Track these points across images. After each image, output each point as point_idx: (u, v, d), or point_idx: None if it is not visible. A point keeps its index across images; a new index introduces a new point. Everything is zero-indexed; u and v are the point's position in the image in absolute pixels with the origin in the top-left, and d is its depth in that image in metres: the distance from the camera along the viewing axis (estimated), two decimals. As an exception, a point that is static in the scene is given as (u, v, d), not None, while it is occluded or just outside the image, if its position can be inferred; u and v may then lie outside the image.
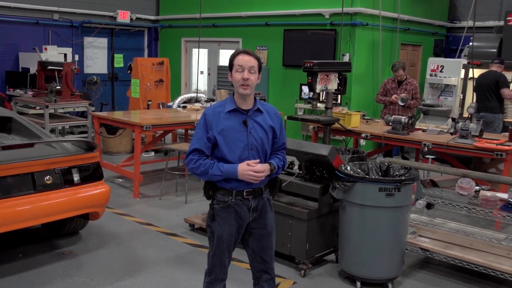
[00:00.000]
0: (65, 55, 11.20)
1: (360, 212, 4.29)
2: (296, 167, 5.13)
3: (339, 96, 9.53)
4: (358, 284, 4.44)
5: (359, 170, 4.56)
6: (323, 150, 4.48)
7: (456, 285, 4.61)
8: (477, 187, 4.79)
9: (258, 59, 3.17)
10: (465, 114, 9.05)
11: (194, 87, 12.99)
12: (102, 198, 4.95)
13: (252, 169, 3.08)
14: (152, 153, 9.56)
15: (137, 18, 13.01)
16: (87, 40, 12.26)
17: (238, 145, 3.13)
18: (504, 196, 4.53)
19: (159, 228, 5.85)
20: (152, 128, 6.91)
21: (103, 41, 12.67)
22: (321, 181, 4.72)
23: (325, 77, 6.36)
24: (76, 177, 4.74)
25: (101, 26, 12.16)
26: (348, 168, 4.49)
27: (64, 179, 4.66)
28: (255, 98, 3.23)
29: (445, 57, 11.14)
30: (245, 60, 3.10)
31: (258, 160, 3.14)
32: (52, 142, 4.96)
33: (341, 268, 4.66)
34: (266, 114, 3.23)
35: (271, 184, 3.34)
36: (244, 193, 3.18)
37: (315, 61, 6.23)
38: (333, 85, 6.50)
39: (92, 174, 4.92)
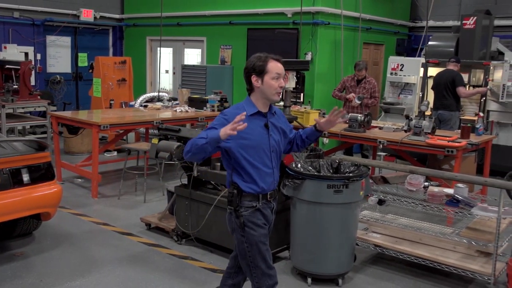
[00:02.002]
0: (26, 54, 11.04)
1: (309, 209, 4.34)
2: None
3: (302, 94, 9.62)
4: (309, 280, 4.49)
5: (310, 167, 4.61)
6: (273, 148, 4.51)
7: (406, 279, 4.70)
8: (426, 183, 4.90)
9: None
10: (426, 112, 9.24)
11: (159, 86, 12.93)
12: (54, 198, 4.90)
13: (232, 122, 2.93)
14: (115, 153, 9.47)
15: (101, 17, 12.88)
16: (50, 38, 12.09)
17: (262, 148, 3.16)
18: (451, 191, 4.64)
19: (115, 227, 5.81)
20: (110, 128, 6.85)
21: (67, 40, 12.52)
22: (273, 179, 4.74)
23: (282, 75, 6.39)
24: (25, 177, 4.68)
25: (63, 24, 12.01)
26: (299, 165, 4.54)
27: (13, 180, 4.59)
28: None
29: (407, 56, 11.32)
30: (281, 68, 3.15)
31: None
32: (1, 142, 4.88)
33: (293, 265, 4.71)
34: (277, 116, 3.32)
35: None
36: (268, 196, 3.24)
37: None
38: (291, 83, 6.55)
39: (43, 174, 4.86)
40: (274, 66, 3.12)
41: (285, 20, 10.02)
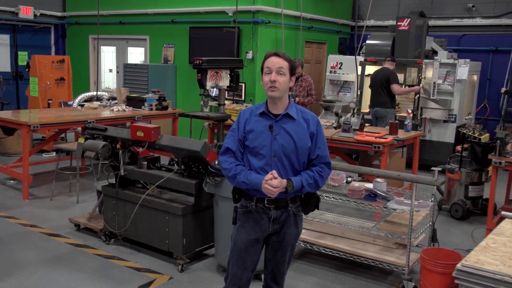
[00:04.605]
0: (-40, 52, 10.67)
1: (230, 206, 4.27)
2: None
3: (243, 92, 9.69)
4: (232, 276, 4.52)
5: (233, 164, 4.64)
6: (196, 145, 4.54)
7: (329, 273, 4.80)
8: (349, 178, 5.01)
9: (289, 60, 3.03)
10: (364, 109, 9.46)
11: (104, 85, 12.77)
12: (-28, 200, 4.77)
13: (268, 183, 2.93)
14: (53, 153, 9.27)
15: (42, 14, 12.56)
16: (-14, 36, 11.75)
17: (262, 150, 3.01)
18: (370, 186, 4.77)
19: (43, 229, 5.70)
20: (42, 127, 6.73)
21: (5, 38, 12.16)
22: (198, 177, 4.77)
23: (215, 74, 6.43)
24: None
25: (0, 22, 11.65)
26: (221, 163, 4.57)
27: None
28: (290, 103, 3.08)
29: (350, 54, 11.53)
30: (274, 61, 2.98)
31: (274, 172, 2.97)
32: None
33: (218, 262, 4.74)
34: (301, 121, 3.05)
35: (305, 200, 3.16)
36: (265, 201, 3.06)
37: (204, 58, 6.29)
38: (224, 82, 6.58)
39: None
40: (267, 61, 3.01)
41: (226, 19, 10.05)
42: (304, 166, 3.09)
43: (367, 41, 9.81)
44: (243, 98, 9.67)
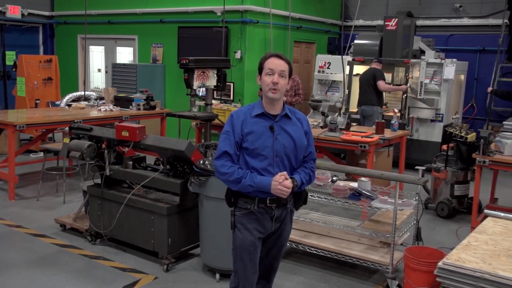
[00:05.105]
0: None
1: (216, 206, 4.37)
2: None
3: (232, 92, 9.70)
4: (217, 276, 4.53)
5: (218, 164, 4.64)
6: (180, 145, 4.54)
7: (314, 272, 4.81)
8: (334, 178, 5.03)
9: (289, 63, 3.08)
10: (352, 109, 9.49)
11: (92, 85, 12.73)
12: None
13: (282, 184, 2.96)
14: (41, 154, 9.22)
15: (30, 14, 12.49)
16: (-27, 36, 11.67)
17: (264, 151, 3.02)
18: (355, 185, 4.79)
19: (28, 230, 5.67)
20: (28, 128, 6.69)
21: (-8, 37, 12.10)
22: (183, 176, 4.77)
23: (202, 73, 6.42)
24: None
25: (-13, 21, 11.60)
26: (206, 162, 4.57)
27: None
28: (284, 104, 3.14)
29: (339, 54, 11.56)
30: (276, 63, 3.01)
31: (285, 173, 3.01)
32: None
33: (203, 261, 4.74)
34: (295, 121, 3.14)
35: (296, 196, 3.21)
36: (268, 201, 3.06)
37: (190, 57, 6.28)
38: (211, 81, 6.57)
39: None
40: (269, 62, 3.03)
41: (214, 19, 10.05)
42: (299, 163, 3.17)
43: (355, 41, 9.85)
44: (231, 98, 9.67)
